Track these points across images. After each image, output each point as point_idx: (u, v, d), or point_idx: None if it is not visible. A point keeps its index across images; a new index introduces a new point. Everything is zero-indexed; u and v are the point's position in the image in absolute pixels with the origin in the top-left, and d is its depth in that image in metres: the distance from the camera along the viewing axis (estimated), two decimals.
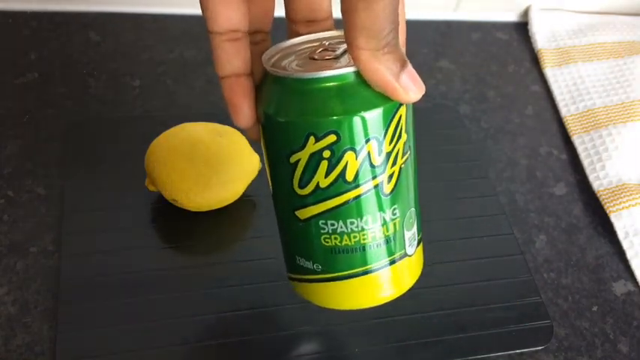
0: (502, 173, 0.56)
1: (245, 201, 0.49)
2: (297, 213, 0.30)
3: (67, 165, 0.49)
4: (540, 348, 0.45)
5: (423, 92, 0.28)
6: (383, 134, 0.28)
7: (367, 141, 0.28)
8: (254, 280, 0.45)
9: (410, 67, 0.28)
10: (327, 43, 0.30)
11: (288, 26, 0.33)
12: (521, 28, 0.70)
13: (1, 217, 0.46)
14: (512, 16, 0.71)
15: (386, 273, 0.31)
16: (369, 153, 0.28)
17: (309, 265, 0.32)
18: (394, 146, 0.29)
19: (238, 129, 0.47)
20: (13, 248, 0.45)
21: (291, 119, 0.28)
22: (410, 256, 0.32)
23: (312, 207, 0.30)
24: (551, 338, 0.45)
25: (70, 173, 0.49)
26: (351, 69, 0.27)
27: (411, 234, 0.32)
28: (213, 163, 0.44)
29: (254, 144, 0.48)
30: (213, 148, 0.44)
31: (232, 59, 0.30)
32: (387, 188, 0.29)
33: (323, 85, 0.27)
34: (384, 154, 0.29)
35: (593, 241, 0.53)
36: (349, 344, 0.43)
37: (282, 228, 0.33)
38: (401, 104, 0.29)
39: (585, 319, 0.48)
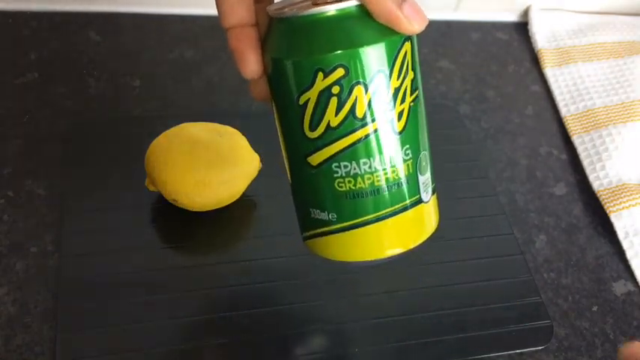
0: (502, 173, 0.56)
1: (245, 201, 0.49)
2: (309, 159, 0.30)
3: (67, 165, 0.49)
4: (540, 348, 0.45)
5: (426, 23, 0.29)
6: (390, 68, 0.29)
7: (375, 74, 0.28)
8: (254, 280, 0.45)
9: None
10: None
11: None
12: (521, 28, 0.70)
13: (1, 217, 0.46)
14: (512, 16, 0.71)
15: (402, 219, 0.31)
16: (377, 87, 0.28)
17: (323, 215, 0.31)
18: (402, 82, 0.29)
19: (238, 128, 0.47)
20: (13, 248, 0.45)
21: (299, 58, 0.28)
22: (425, 202, 0.32)
23: (324, 150, 0.30)
24: (551, 338, 0.45)
25: (70, 173, 0.49)
26: (354, 2, 0.28)
27: (424, 179, 0.32)
28: (213, 163, 0.44)
29: (254, 144, 0.48)
30: (213, 148, 0.44)
31: (236, 9, 0.30)
32: (398, 126, 0.30)
33: (327, 20, 0.28)
34: (392, 90, 0.29)
35: (593, 241, 0.53)
36: (349, 344, 0.43)
37: (294, 183, 0.33)
38: (406, 39, 0.29)
39: (585, 319, 0.48)
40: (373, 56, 0.28)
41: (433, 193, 0.33)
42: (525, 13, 0.71)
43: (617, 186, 0.55)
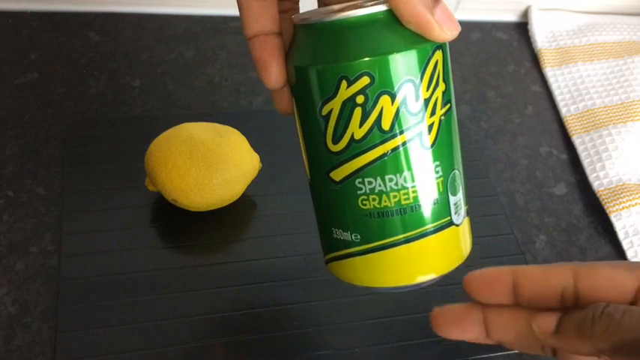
0: (502, 173, 0.56)
1: (245, 201, 0.49)
2: (331, 175, 0.29)
3: (67, 165, 0.49)
4: None
5: (459, 31, 0.27)
6: (419, 78, 0.27)
7: (403, 83, 0.27)
8: (254, 280, 0.45)
9: (444, 3, 0.27)
10: (358, 4, 0.30)
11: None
12: (521, 28, 0.70)
13: (1, 217, 0.46)
14: (512, 16, 0.71)
15: (430, 242, 0.29)
16: (405, 97, 0.27)
17: (346, 236, 0.29)
18: (432, 93, 0.27)
19: (238, 128, 0.47)
20: (13, 248, 0.45)
21: (322, 65, 0.27)
22: (457, 225, 0.30)
23: (347, 164, 0.28)
24: None
25: (70, 173, 0.49)
26: (383, 7, 0.26)
27: (456, 200, 0.30)
28: (213, 163, 0.44)
29: (254, 144, 0.48)
30: (213, 148, 0.44)
31: (260, 17, 0.29)
32: (427, 140, 0.28)
33: (353, 26, 0.27)
34: (421, 101, 0.27)
35: (593, 241, 0.53)
36: (349, 344, 0.43)
37: (316, 200, 0.31)
38: (437, 47, 0.27)
39: None
40: (401, 64, 0.26)
41: (466, 215, 0.31)
42: (525, 13, 0.71)
43: (617, 186, 0.55)
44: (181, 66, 0.59)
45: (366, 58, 0.26)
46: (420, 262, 0.29)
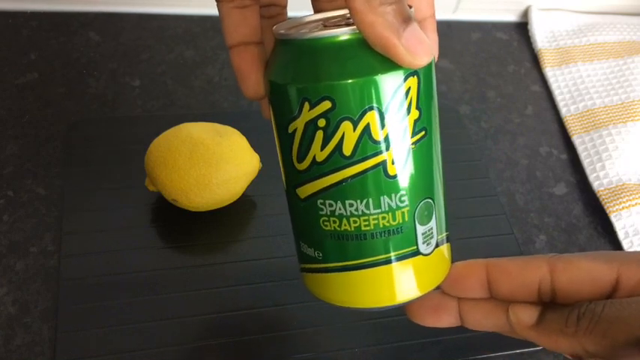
0: (502, 173, 0.56)
1: (245, 201, 0.49)
2: (297, 191, 0.28)
3: (67, 165, 0.49)
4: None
5: (432, 56, 0.25)
6: (386, 105, 0.25)
7: (366, 110, 0.25)
8: (254, 280, 0.45)
9: (415, 25, 0.24)
10: (347, 16, 0.28)
11: (312, 4, 0.32)
12: (521, 28, 0.70)
13: (1, 217, 0.46)
14: (512, 16, 0.71)
15: (390, 270, 0.28)
16: (368, 125, 0.26)
17: (310, 252, 0.29)
18: (401, 122, 0.26)
19: (238, 128, 0.47)
20: (13, 248, 0.45)
21: (287, 83, 0.26)
22: (424, 255, 0.29)
23: (310, 184, 0.27)
24: None
25: (70, 173, 0.49)
26: (352, 29, 0.25)
27: (425, 229, 0.28)
28: (213, 163, 0.44)
29: (254, 144, 0.48)
30: (213, 148, 0.44)
31: (240, 26, 0.29)
32: (392, 169, 0.26)
33: (321, 47, 0.25)
34: (387, 129, 0.26)
35: (593, 241, 0.53)
36: (349, 344, 0.43)
37: (289, 211, 0.31)
38: (411, 73, 0.26)
39: None
40: (364, 91, 0.25)
41: (439, 245, 0.29)
42: (525, 13, 0.71)
43: (617, 186, 0.55)
44: (181, 66, 0.59)
45: (327, 82, 0.25)
46: (380, 287, 0.28)
